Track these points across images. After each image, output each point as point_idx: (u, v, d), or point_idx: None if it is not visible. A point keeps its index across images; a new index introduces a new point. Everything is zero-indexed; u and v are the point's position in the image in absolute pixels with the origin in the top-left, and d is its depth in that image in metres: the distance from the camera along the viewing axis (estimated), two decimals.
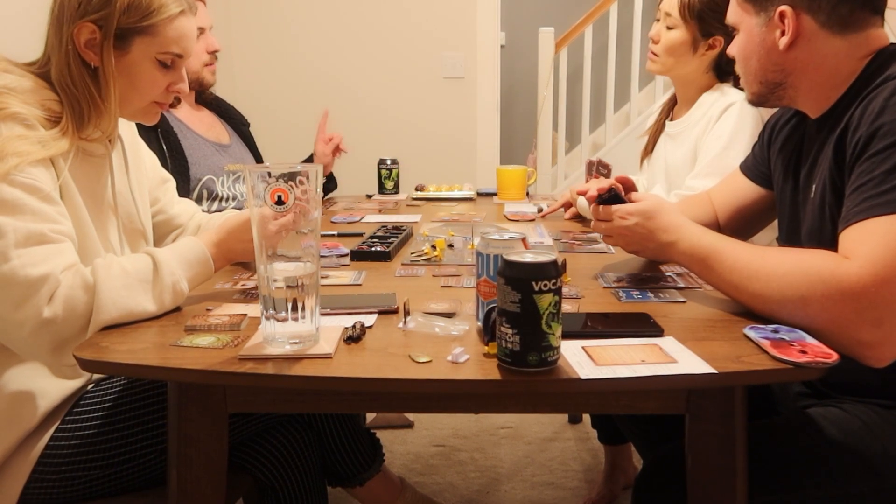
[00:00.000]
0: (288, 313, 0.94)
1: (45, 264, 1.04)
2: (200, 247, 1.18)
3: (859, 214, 1.00)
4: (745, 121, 1.79)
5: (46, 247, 1.06)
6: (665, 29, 1.89)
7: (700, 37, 1.86)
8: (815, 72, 1.15)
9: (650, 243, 1.22)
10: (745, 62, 1.23)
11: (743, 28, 1.21)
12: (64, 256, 1.07)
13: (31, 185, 1.07)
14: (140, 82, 1.22)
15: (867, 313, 0.96)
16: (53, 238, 1.07)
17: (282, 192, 0.93)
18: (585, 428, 2.47)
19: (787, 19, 1.13)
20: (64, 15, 1.16)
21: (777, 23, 1.14)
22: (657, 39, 1.91)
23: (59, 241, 1.08)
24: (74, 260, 1.09)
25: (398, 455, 2.30)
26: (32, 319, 1.03)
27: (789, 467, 1.08)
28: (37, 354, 1.08)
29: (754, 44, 1.19)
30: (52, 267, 1.04)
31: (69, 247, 1.10)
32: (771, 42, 1.16)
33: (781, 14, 1.13)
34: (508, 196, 2.28)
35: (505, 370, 0.89)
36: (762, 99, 1.25)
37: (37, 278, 1.03)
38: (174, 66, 1.26)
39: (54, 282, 1.04)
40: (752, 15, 1.18)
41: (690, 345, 0.96)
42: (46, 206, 1.08)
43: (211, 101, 2.21)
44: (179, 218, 1.53)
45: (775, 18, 1.14)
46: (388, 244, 1.51)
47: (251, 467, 1.35)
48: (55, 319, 1.03)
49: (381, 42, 3.71)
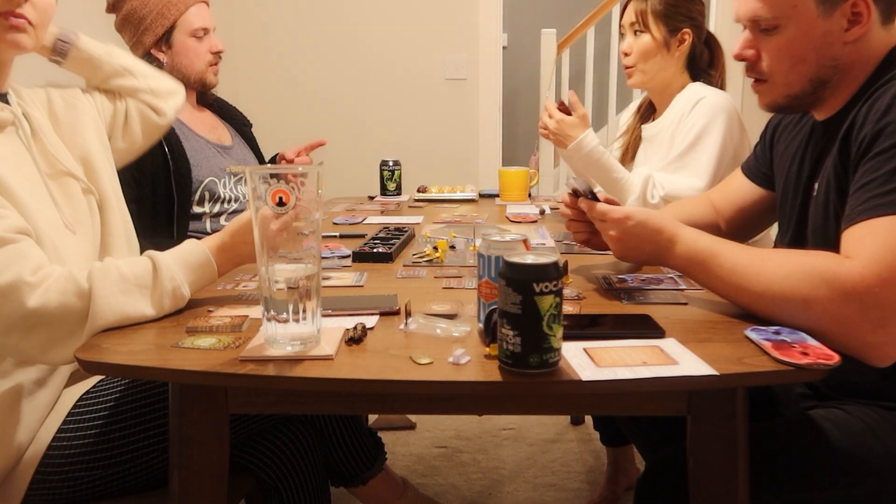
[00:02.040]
0: (289, 315, 0.94)
1: (8, 270, 1.01)
2: (203, 250, 1.17)
3: (862, 214, 1.00)
4: (716, 116, 1.81)
5: (5, 250, 1.03)
6: (634, 39, 1.93)
7: (669, 35, 1.89)
8: (860, 66, 1.11)
9: (646, 247, 1.18)
10: (797, 61, 1.12)
11: (796, 23, 1.10)
12: (27, 258, 1.04)
13: None
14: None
15: (870, 314, 0.96)
16: (9, 238, 1.04)
17: (283, 193, 0.94)
18: (587, 429, 2.46)
19: (864, 6, 1.07)
20: None
21: (847, 12, 1.08)
22: (629, 51, 1.95)
23: (16, 241, 1.05)
24: (39, 257, 1.06)
25: (400, 456, 2.30)
26: (17, 324, 1.02)
27: (791, 469, 1.08)
28: (31, 356, 1.08)
29: (814, 37, 1.10)
30: (18, 271, 1.02)
31: (28, 244, 1.07)
32: (836, 33, 1.09)
33: (855, 2, 1.07)
34: (510, 197, 2.28)
35: (506, 372, 0.89)
36: (795, 102, 1.17)
37: (5, 286, 1.01)
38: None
39: (24, 286, 1.01)
40: (812, 7, 1.08)
41: (692, 346, 0.96)
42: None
43: (213, 103, 2.21)
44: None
45: (847, 7, 1.08)
46: (390, 245, 1.52)
47: (254, 467, 1.35)
48: (42, 321, 1.02)
49: (384, 44, 3.72)
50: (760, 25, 1.14)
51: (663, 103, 1.97)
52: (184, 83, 2.07)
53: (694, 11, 1.92)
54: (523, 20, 5.19)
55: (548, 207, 2.11)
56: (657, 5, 1.89)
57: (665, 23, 1.89)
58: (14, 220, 1.08)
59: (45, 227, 1.15)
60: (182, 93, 1.61)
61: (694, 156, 1.80)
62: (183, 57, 2.02)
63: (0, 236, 1.04)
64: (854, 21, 1.09)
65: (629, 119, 2.17)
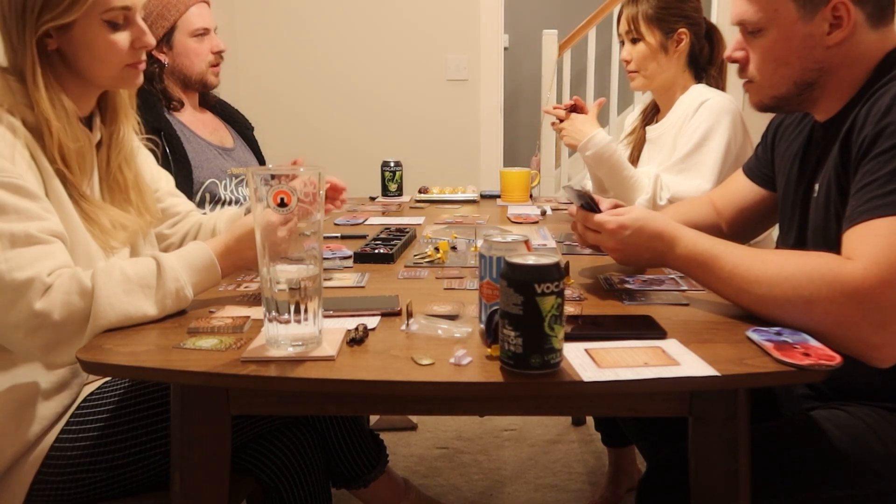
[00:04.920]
0: (290, 315, 0.94)
1: (31, 268, 1.03)
2: (207, 252, 1.17)
3: (863, 215, 1.00)
4: (721, 118, 1.81)
5: (34, 248, 1.05)
6: (632, 47, 1.94)
7: (665, 37, 1.89)
8: (848, 69, 1.12)
9: (645, 253, 1.19)
10: (779, 64, 1.14)
11: (777, 26, 1.12)
12: (52, 258, 1.06)
13: (13, 183, 1.07)
14: (96, 49, 1.20)
15: (871, 315, 0.96)
16: (42, 238, 1.07)
17: (284, 194, 0.94)
18: (589, 430, 2.46)
19: (845, 11, 1.07)
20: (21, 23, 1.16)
21: (828, 16, 1.09)
22: (629, 59, 1.96)
23: (48, 242, 1.07)
24: (65, 261, 1.08)
25: (402, 457, 2.30)
26: (25, 322, 1.03)
27: (793, 470, 1.08)
28: (32, 355, 1.08)
29: (795, 41, 1.11)
30: (38, 270, 1.03)
31: (58, 247, 1.09)
32: (818, 37, 1.10)
33: (836, 6, 1.08)
34: (512, 198, 2.28)
35: (507, 372, 0.89)
36: (782, 103, 1.19)
37: (22, 282, 1.02)
38: (128, 21, 1.22)
39: (40, 285, 1.03)
40: (792, 11, 1.10)
41: (693, 347, 0.96)
42: (31, 203, 1.08)
43: (215, 105, 2.21)
44: (177, 207, 1.53)
45: (827, 11, 1.08)
46: (392, 246, 1.52)
47: (255, 469, 1.35)
48: (48, 321, 1.03)
49: (385, 44, 3.72)
50: (747, 28, 1.16)
51: (667, 104, 1.98)
52: (185, 84, 2.08)
53: (687, 9, 1.91)
54: (525, 21, 5.19)
55: (549, 208, 2.11)
56: (648, 10, 1.89)
57: (659, 26, 1.89)
58: (52, 224, 1.10)
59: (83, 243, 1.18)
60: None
61: (699, 157, 1.80)
62: (184, 58, 2.02)
63: (33, 234, 1.06)
64: (835, 25, 1.09)
65: (634, 120, 2.17)
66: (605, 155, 1.85)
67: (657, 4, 1.89)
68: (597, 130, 1.86)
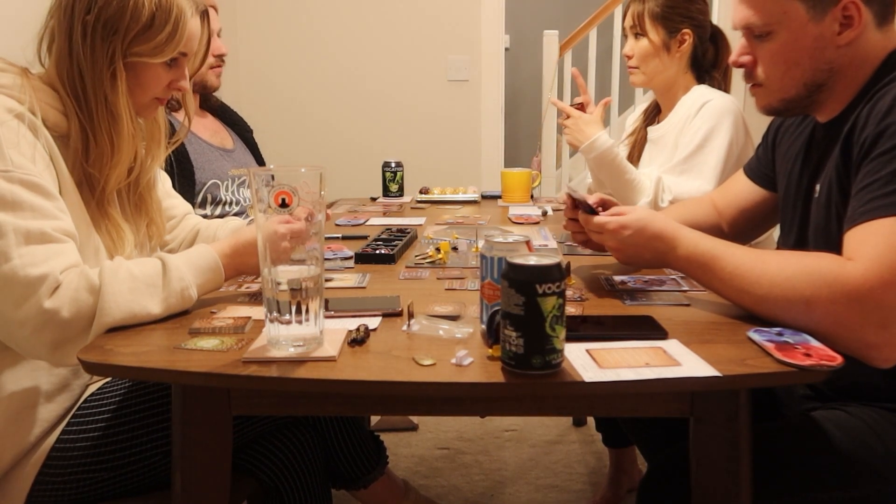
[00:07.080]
0: (292, 316, 0.94)
1: (45, 264, 1.04)
2: (212, 255, 1.18)
3: (864, 215, 1.00)
4: (722, 119, 1.81)
5: (48, 246, 1.06)
6: (635, 42, 1.94)
7: (668, 36, 1.90)
8: (855, 69, 1.11)
9: (646, 253, 1.19)
10: (790, 66, 1.13)
11: (787, 28, 1.11)
12: (65, 257, 1.07)
13: (31, 181, 1.07)
14: (145, 80, 1.24)
15: (872, 315, 0.96)
16: (55, 237, 1.07)
17: (285, 195, 0.94)
18: (590, 431, 2.46)
19: (855, 10, 1.07)
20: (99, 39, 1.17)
21: (838, 16, 1.08)
22: (631, 54, 1.96)
23: (61, 241, 1.08)
24: (76, 261, 1.09)
25: (402, 458, 2.30)
26: (33, 319, 1.03)
27: (794, 470, 1.08)
28: (38, 353, 1.08)
29: (807, 42, 1.10)
30: (52, 267, 1.04)
31: (71, 247, 1.10)
32: (829, 37, 1.10)
33: (846, 6, 1.07)
34: (513, 199, 2.28)
35: (509, 373, 0.89)
36: (791, 105, 1.18)
37: (35, 278, 1.03)
38: (177, 64, 1.27)
39: (53, 281, 1.04)
40: (802, 12, 1.09)
41: (694, 347, 0.96)
42: (47, 202, 1.09)
43: (216, 107, 2.22)
44: (173, 209, 1.54)
45: (837, 11, 1.08)
46: (393, 247, 1.52)
47: (255, 470, 1.35)
48: (56, 318, 1.03)
49: (386, 45, 3.72)
50: (754, 32, 1.15)
51: (668, 104, 1.98)
52: None
53: (693, 11, 1.92)
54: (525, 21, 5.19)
55: (550, 209, 2.11)
56: (654, 8, 1.90)
57: (663, 25, 1.90)
58: (66, 224, 1.11)
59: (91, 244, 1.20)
60: None
61: (701, 158, 1.81)
62: None
63: (48, 233, 1.07)
64: (846, 24, 1.09)
65: (636, 121, 2.18)
66: (607, 159, 1.86)
67: (664, 3, 1.90)
68: (599, 133, 1.86)
